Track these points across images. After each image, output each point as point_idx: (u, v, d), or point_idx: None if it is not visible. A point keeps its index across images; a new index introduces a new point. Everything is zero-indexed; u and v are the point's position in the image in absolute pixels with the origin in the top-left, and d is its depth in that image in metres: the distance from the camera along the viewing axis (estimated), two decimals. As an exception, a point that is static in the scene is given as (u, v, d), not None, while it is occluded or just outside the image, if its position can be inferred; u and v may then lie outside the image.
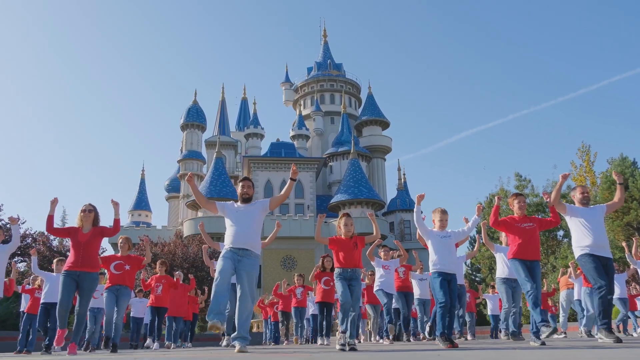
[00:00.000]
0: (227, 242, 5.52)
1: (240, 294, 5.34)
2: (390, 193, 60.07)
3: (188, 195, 55.10)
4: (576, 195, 6.33)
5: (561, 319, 12.55)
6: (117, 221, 6.54)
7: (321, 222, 6.53)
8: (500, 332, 8.71)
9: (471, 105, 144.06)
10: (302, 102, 65.34)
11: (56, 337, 6.21)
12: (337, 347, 5.62)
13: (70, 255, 6.33)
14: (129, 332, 13.34)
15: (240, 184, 5.77)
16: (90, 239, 6.33)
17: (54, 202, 6.39)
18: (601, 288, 5.77)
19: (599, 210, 6.19)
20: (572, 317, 19.32)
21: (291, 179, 5.60)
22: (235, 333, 5.27)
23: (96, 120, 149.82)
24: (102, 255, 7.71)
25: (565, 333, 12.06)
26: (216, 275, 5.32)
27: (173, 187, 64.04)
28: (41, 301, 8.68)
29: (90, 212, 6.44)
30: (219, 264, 5.40)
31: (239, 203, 5.76)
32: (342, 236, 6.28)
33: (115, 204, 6.59)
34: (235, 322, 5.32)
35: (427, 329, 7.42)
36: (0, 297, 7.61)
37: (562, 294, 12.30)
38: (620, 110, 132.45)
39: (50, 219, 6.36)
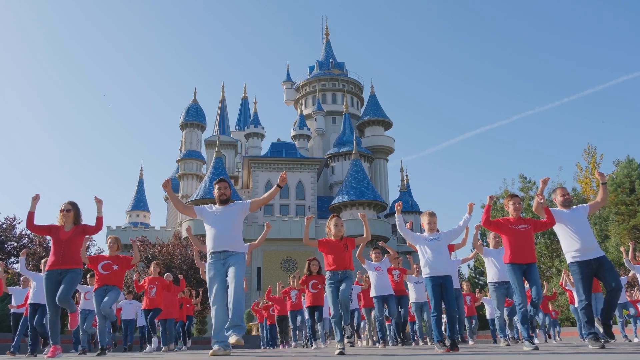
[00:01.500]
0: (209, 247, 5.46)
1: (230, 285, 5.28)
2: (393, 194, 60.09)
3: (187, 195, 55.13)
4: (557, 198, 6.26)
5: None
6: (99, 219, 6.47)
7: (309, 223, 6.42)
8: (500, 339, 8.59)
9: (475, 106, 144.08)
10: (303, 102, 65.36)
11: (50, 351, 6.09)
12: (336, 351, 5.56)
13: (51, 254, 6.27)
14: (121, 335, 13.33)
15: (217, 185, 5.71)
16: (71, 237, 6.28)
17: (35, 199, 6.33)
18: (582, 302, 5.89)
19: (582, 211, 6.16)
20: (571, 322, 19.22)
21: (278, 185, 5.51)
22: (229, 322, 5.12)
23: (94, 119, 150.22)
24: (89, 256, 7.68)
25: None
26: (212, 300, 5.22)
27: (172, 188, 63.95)
28: (28, 302, 8.67)
29: (69, 211, 6.37)
30: (210, 287, 5.32)
31: (216, 205, 5.68)
32: (332, 237, 6.24)
33: (99, 202, 6.53)
34: (229, 311, 5.19)
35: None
36: None
37: None
38: (627, 111, 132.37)
39: (30, 215, 6.27)
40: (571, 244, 6.00)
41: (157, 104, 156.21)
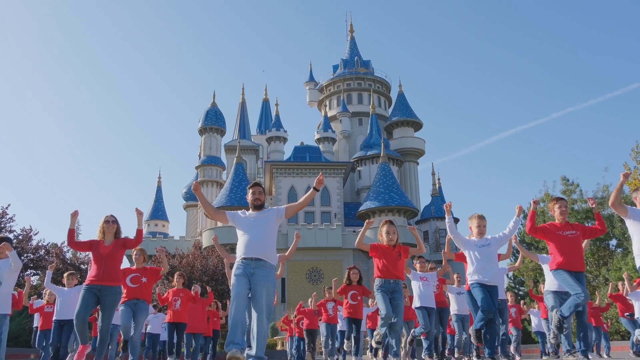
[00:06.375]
0: (239, 253, 5.45)
1: (256, 311, 5.24)
2: (424, 199, 59.72)
3: (207, 203, 55.54)
4: (638, 197, 6.10)
5: None
6: (139, 232, 6.67)
7: (368, 227, 6.52)
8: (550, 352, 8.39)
9: (510, 104, 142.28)
10: (327, 103, 65.48)
11: (77, 352, 6.35)
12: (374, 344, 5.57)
13: (92, 269, 6.49)
14: (144, 349, 13.49)
15: (251, 190, 5.71)
16: (112, 252, 6.50)
17: (75, 215, 6.52)
18: None
19: None
20: (621, 336, 18.78)
21: (314, 188, 5.46)
22: (251, 351, 5.15)
23: (111, 124, 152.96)
24: None
25: None
26: (231, 300, 5.25)
27: (191, 195, 64.79)
28: (54, 318, 8.86)
29: (114, 222, 6.65)
30: (232, 286, 5.32)
31: (250, 211, 5.69)
32: (385, 244, 6.24)
33: (139, 213, 6.75)
34: (253, 343, 5.21)
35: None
36: (9, 313, 7.76)
37: None
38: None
39: (71, 232, 6.56)
40: None
41: (174, 108, 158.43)
